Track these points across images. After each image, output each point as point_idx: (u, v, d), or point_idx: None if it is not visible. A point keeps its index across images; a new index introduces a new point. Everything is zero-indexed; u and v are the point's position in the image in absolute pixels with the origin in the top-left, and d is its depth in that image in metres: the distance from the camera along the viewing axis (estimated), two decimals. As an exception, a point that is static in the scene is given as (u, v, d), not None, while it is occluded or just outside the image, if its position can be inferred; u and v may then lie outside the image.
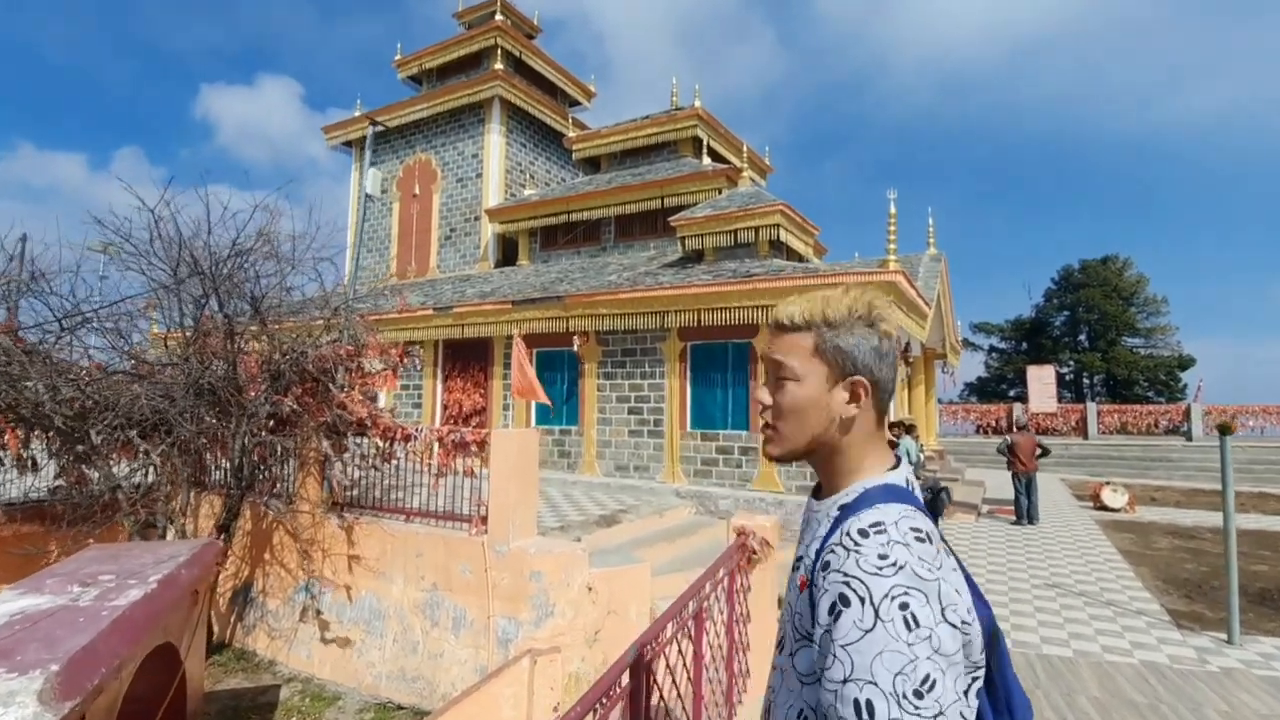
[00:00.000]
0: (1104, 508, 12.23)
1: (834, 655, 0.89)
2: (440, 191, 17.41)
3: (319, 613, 7.70)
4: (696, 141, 14.74)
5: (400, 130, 18.28)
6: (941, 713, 0.83)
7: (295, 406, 7.58)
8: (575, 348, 10.47)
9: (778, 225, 10.17)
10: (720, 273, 9.87)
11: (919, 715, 0.82)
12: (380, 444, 7.49)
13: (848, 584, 0.90)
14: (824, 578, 0.95)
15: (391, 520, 7.22)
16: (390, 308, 13.02)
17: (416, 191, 17.80)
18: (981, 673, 0.96)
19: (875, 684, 0.84)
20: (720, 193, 12.16)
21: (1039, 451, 10.99)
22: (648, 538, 7.68)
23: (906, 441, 11.25)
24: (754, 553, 3.85)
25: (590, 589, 6.09)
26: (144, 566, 4.40)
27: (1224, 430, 5.56)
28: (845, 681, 0.86)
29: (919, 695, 0.83)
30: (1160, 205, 79.72)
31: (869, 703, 0.84)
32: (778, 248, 10.68)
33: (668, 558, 7.39)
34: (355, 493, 7.72)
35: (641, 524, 7.99)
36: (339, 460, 7.21)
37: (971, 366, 41.99)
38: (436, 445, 6.91)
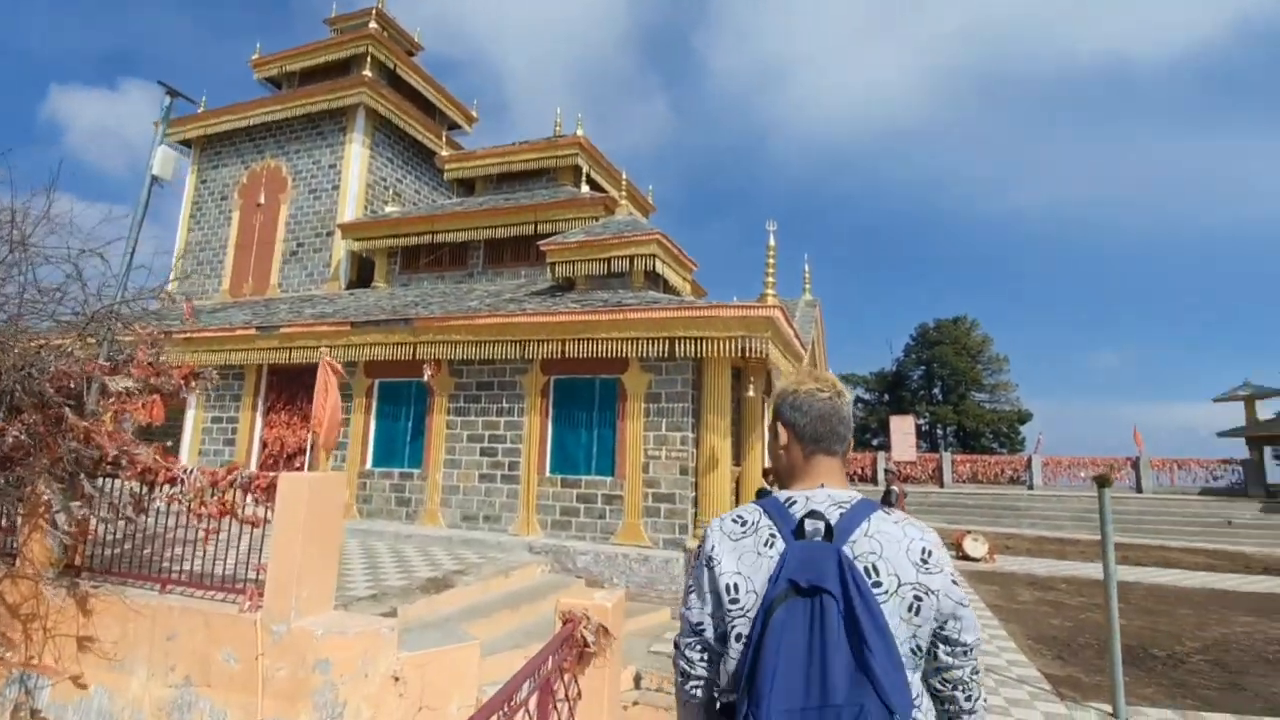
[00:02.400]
0: (966, 557, 12.30)
1: None
2: (289, 202, 15.51)
3: (35, 712, 5.78)
4: (577, 171, 14.03)
5: (248, 132, 16.29)
6: (689, 607, 1.44)
7: (22, 437, 5.75)
8: (425, 378, 9.13)
9: (654, 255, 9.49)
10: (590, 302, 8.99)
11: (688, 605, 1.45)
12: (136, 488, 5.80)
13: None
14: None
15: (141, 590, 5.52)
16: (214, 326, 11.05)
17: (261, 200, 15.77)
18: (743, 624, 1.32)
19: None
20: (597, 221, 11.42)
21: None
22: (486, 605, 6.42)
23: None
24: (586, 646, 2.82)
25: (397, 679, 4.77)
26: None
27: (1102, 482, 5.26)
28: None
29: (688, 592, 1.47)
30: (999, 281, 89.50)
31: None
32: (654, 280, 10.00)
33: (509, 629, 6.17)
34: (114, 552, 5.93)
35: (481, 587, 6.72)
36: (65, 509, 5.45)
37: (840, 416, 43.79)
38: (211, 492, 5.36)
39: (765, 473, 11.38)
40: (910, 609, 1.29)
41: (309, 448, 10.28)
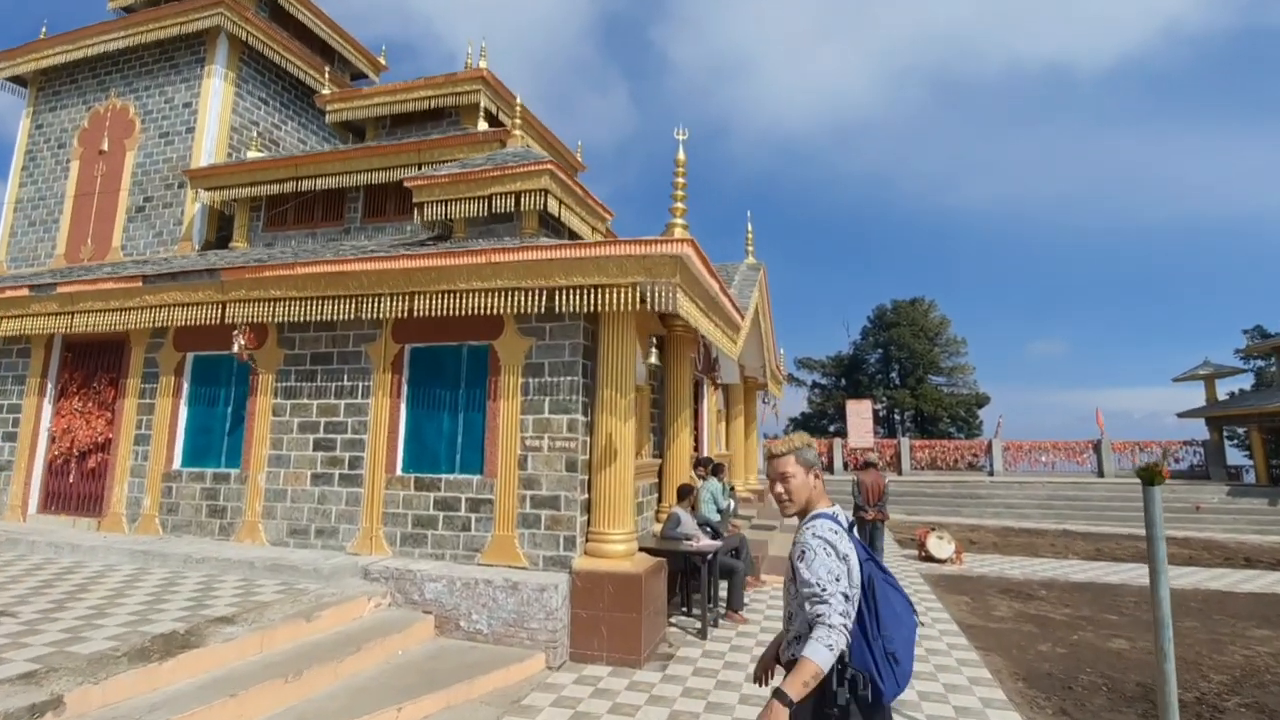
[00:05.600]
0: (930, 558, 10.66)
1: (800, 573, 2.14)
2: (137, 148, 12.91)
3: None
4: (482, 110, 11.85)
5: (92, 65, 13.61)
6: (837, 580, 2.08)
7: None
8: (234, 350, 6.92)
9: (546, 192, 7.44)
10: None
11: (832, 584, 2.07)
12: None
13: (804, 542, 2.19)
14: (795, 547, 2.23)
15: None
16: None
17: (105, 146, 13.12)
18: (857, 592, 2.14)
19: (821, 570, 2.11)
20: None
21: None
22: (249, 672, 4.32)
23: (712, 484, 8.87)
24: None
25: None
26: None
27: (1150, 478, 3.46)
28: (806, 580, 2.11)
29: (830, 577, 2.09)
30: (949, 272, 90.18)
31: (820, 574, 2.09)
32: (552, 228, 7.97)
33: (268, 715, 4.09)
34: None
35: (255, 641, 4.61)
36: None
37: (796, 402, 42.54)
38: None
39: (696, 464, 9.49)
40: None
41: (108, 442, 7.96)
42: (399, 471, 6.64)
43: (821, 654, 1.98)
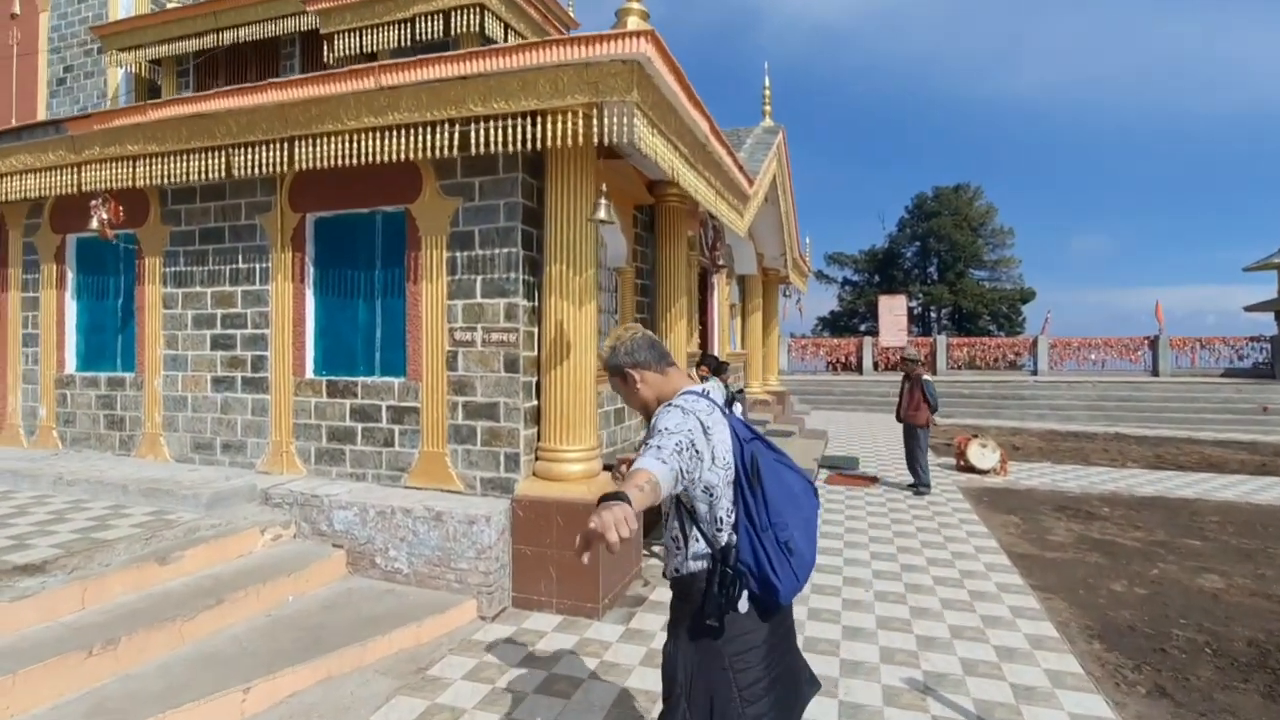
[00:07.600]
0: (971, 468, 9.30)
1: (654, 425, 1.77)
2: (50, 9, 11.15)
3: None
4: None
5: (-8, -91, 11.57)
6: (674, 432, 1.67)
7: None
8: (93, 226, 5.52)
9: (481, 7, 5.64)
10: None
11: (668, 433, 1.67)
12: None
13: (661, 411, 1.82)
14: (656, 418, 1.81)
15: None
16: None
17: (16, 9, 11.35)
18: (727, 473, 1.75)
19: (664, 423, 1.73)
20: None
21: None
22: (42, 641, 3.17)
23: (713, 384, 7.48)
24: None
25: None
26: None
27: None
28: (657, 427, 1.74)
29: (669, 431, 1.68)
30: (995, 161, 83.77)
31: (661, 426, 1.71)
32: (506, 65, 6.17)
33: (50, 705, 2.96)
34: None
35: (74, 594, 3.47)
36: None
37: (825, 300, 40.47)
38: None
39: (698, 363, 8.11)
40: None
41: (-2, 343, 6.79)
42: (309, 374, 5.34)
43: (650, 462, 1.60)
